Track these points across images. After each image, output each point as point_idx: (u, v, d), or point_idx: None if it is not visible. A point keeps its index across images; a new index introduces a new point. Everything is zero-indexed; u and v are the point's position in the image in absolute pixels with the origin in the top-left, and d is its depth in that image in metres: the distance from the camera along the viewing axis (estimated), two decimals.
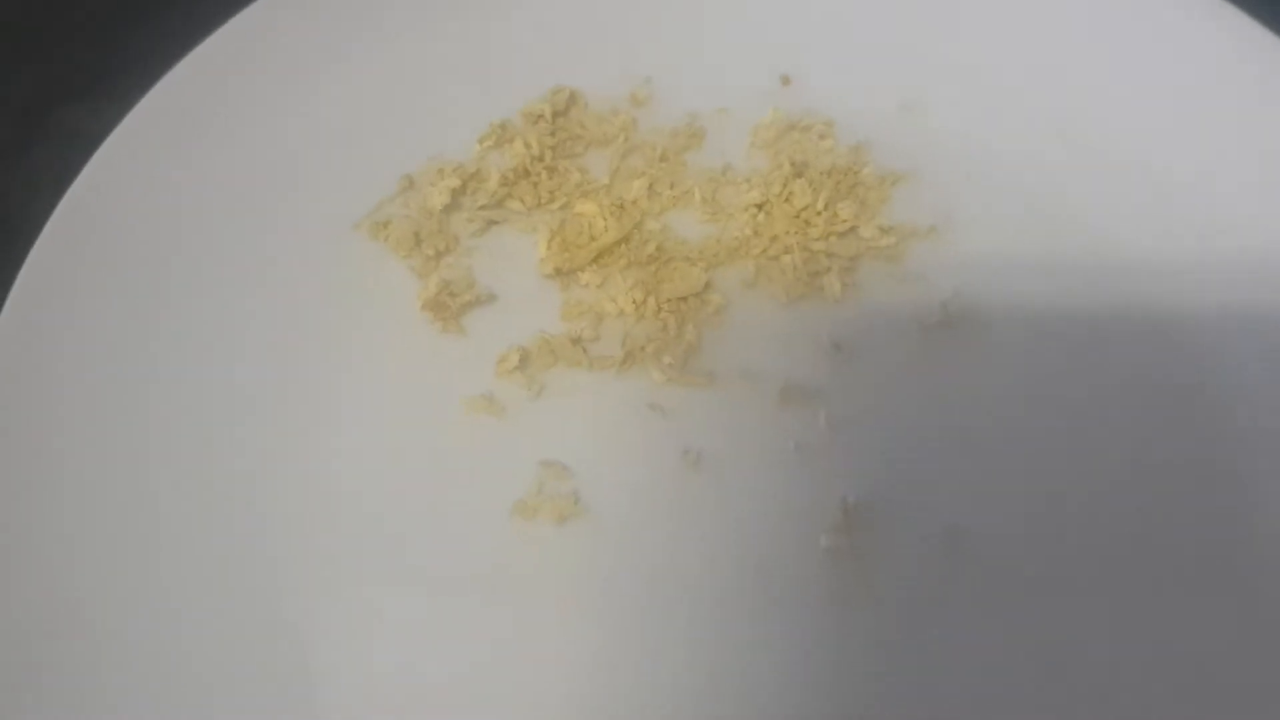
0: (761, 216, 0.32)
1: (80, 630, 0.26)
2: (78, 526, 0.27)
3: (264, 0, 0.34)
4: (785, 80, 0.35)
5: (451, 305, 0.31)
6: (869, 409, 0.30)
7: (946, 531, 0.28)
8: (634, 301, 0.31)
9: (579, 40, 0.35)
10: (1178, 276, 0.32)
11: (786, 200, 0.33)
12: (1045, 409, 0.30)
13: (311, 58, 0.34)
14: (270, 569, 0.28)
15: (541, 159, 0.33)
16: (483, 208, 0.33)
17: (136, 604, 0.27)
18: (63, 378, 0.29)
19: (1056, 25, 0.34)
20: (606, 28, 0.35)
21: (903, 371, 0.31)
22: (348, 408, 0.30)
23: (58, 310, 0.29)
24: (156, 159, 0.32)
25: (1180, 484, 0.29)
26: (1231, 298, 0.31)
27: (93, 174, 0.31)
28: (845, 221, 0.32)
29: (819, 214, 0.32)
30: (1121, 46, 0.34)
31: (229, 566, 0.28)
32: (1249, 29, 0.33)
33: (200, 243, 0.31)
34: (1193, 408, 0.30)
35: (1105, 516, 0.29)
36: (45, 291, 0.29)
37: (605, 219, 0.32)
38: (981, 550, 0.28)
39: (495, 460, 0.29)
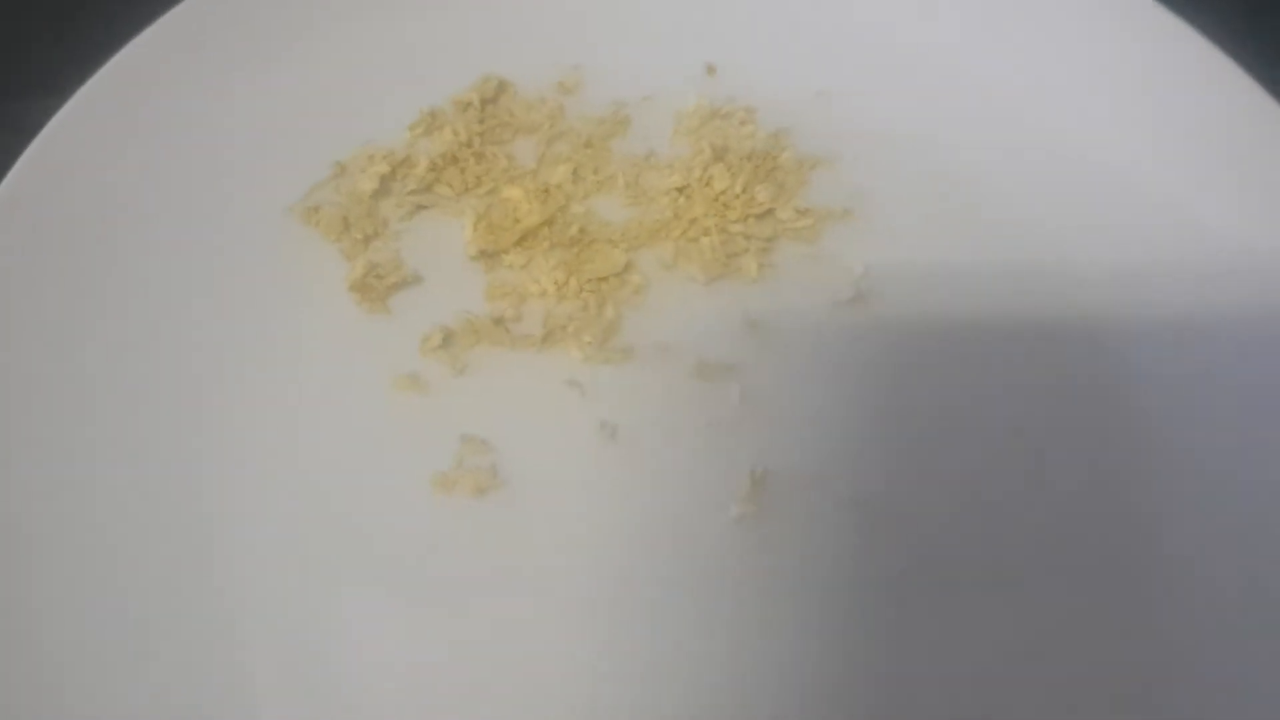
0: (682, 200, 0.34)
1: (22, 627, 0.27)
2: (12, 518, 0.28)
3: None
4: (710, 69, 0.36)
5: (378, 287, 0.32)
6: (781, 384, 0.31)
7: (851, 502, 0.30)
8: (556, 282, 0.32)
9: (509, 29, 0.36)
10: (1087, 254, 0.33)
11: (706, 184, 0.34)
12: (950, 386, 0.31)
13: (247, 48, 0.35)
14: (200, 545, 0.29)
15: (470, 145, 0.34)
16: (411, 193, 0.34)
17: (61, 595, 0.27)
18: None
19: (969, 11, 0.35)
20: (537, 17, 0.36)
21: (815, 348, 0.32)
22: (277, 385, 0.31)
23: None
24: (91, 149, 0.32)
25: (1082, 468, 0.30)
26: (1141, 288, 0.32)
27: (26, 165, 0.32)
28: (763, 204, 0.33)
29: (738, 197, 0.34)
30: (1033, 27, 0.35)
31: (159, 539, 0.29)
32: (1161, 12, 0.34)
33: (135, 226, 0.32)
34: (1095, 401, 0.31)
35: (1006, 494, 0.30)
36: None
37: (530, 203, 0.33)
38: (886, 525, 0.29)
39: (419, 435, 0.30)
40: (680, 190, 0.34)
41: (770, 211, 0.33)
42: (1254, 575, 0.29)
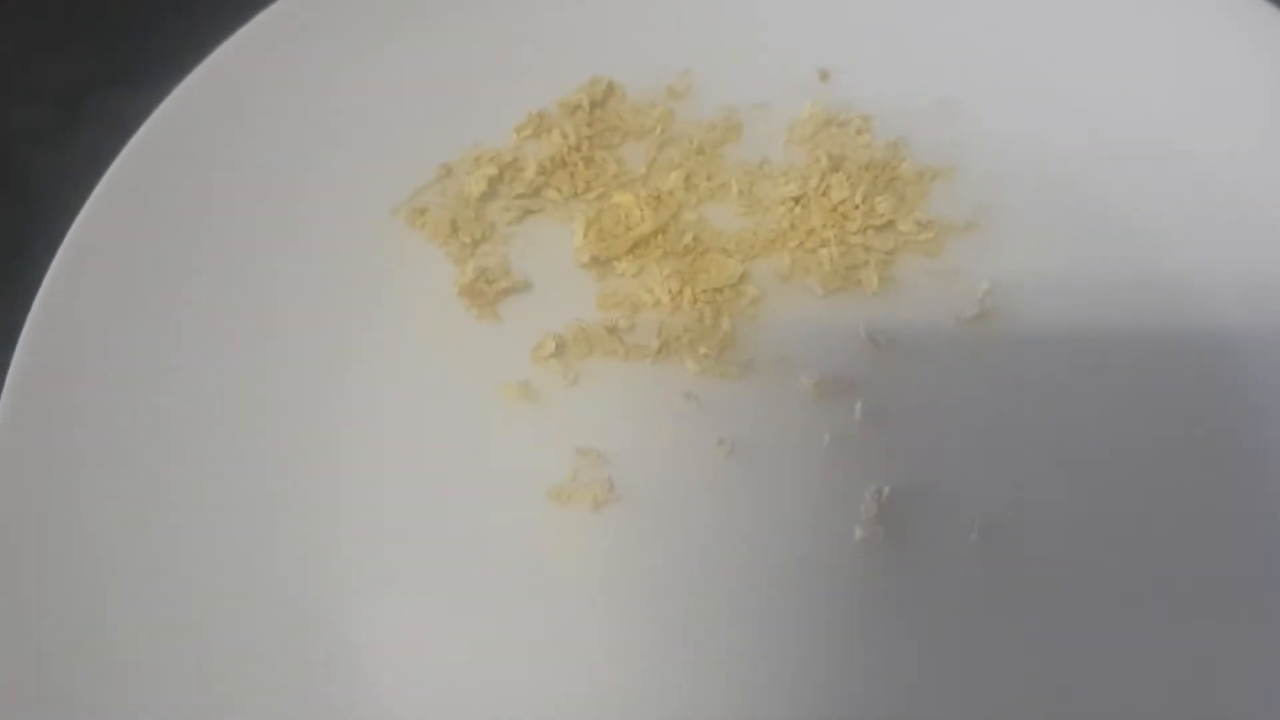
0: (798, 210, 0.33)
1: (108, 629, 0.27)
2: (111, 501, 0.28)
3: None
4: (824, 75, 0.35)
5: (488, 292, 0.31)
6: (904, 402, 0.30)
7: (980, 526, 0.29)
8: (670, 291, 0.32)
9: (618, 32, 0.35)
10: (1214, 278, 0.32)
11: (824, 194, 0.33)
12: (1078, 405, 0.30)
13: (353, 46, 0.34)
14: (307, 557, 0.28)
15: (578, 149, 0.34)
16: (519, 196, 0.33)
17: (161, 597, 0.27)
18: (100, 363, 0.29)
19: (1096, 22, 0.35)
20: (646, 20, 0.36)
21: (938, 365, 0.31)
22: (386, 393, 0.30)
23: (95, 294, 0.30)
24: (193, 146, 0.32)
25: (1212, 492, 0.29)
26: (1271, 308, 0.31)
27: (128, 160, 0.32)
28: (883, 215, 0.33)
29: (856, 208, 0.33)
30: (1167, 46, 0.34)
31: (265, 556, 0.28)
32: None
33: (237, 229, 0.32)
34: (1226, 415, 0.30)
35: (1137, 518, 0.29)
36: (82, 275, 0.30)
37: (641, 209, 0.33)
38: (1014, 546, 0.28)
39: (531, 446, 0.30)
40: (796, 200, 0.33)
41: (891, 223, 0.33)
42: None
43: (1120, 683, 0.27)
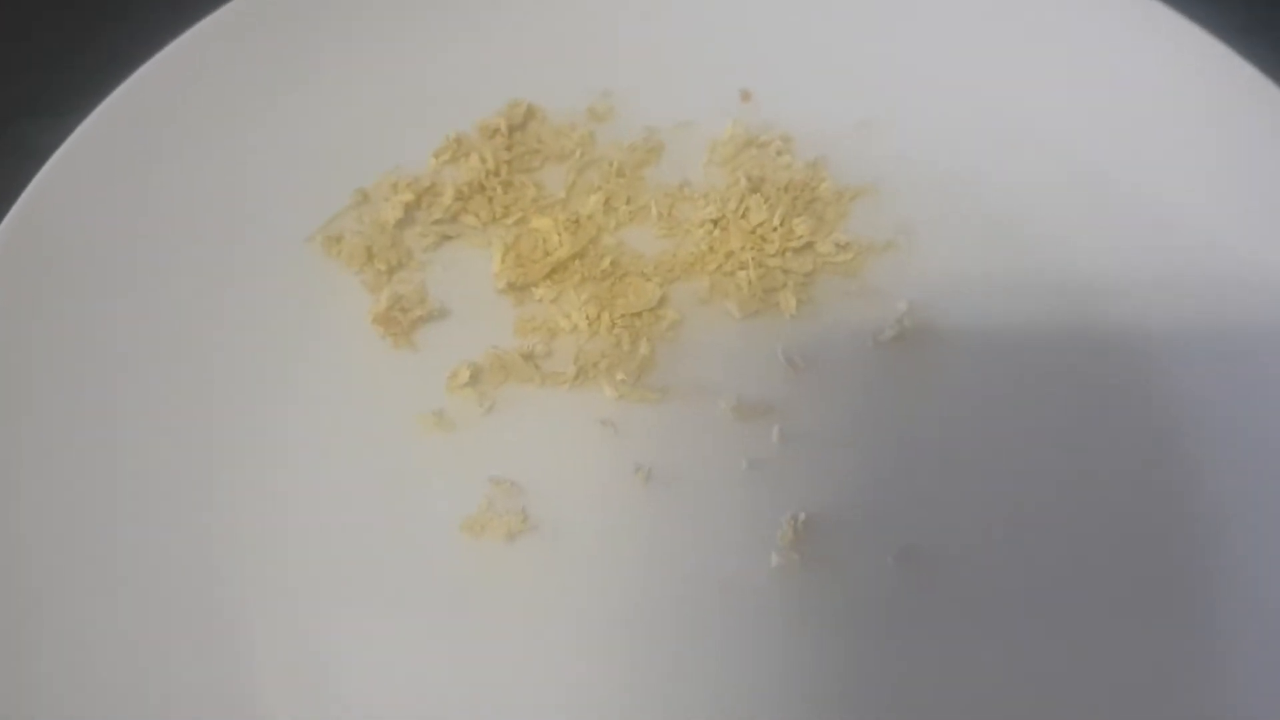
0: (717, 232, 0.33)
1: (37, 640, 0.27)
2: (33, 534, 0.28)
3: (216, 16, 0.34)
4: (745, 95, 0.35)
5: (403, 320, 0.31)
6: (822, 424, 0.30)
7: (897, 548, 0.29)
8: (587, 317, 0.32)
9: (537, 53, 0.35)
10: (1134, 291, 0.32)
11: (743, 216, 0.33)
12: (998, 425, 0.31)
13: (267, 72, 0.34)
14: (220, 584, 0.28)
15: (497, 173, 0.34)
16: (437, 222, 0.33)
17: (87, 618, 0.27)
18: (15, 391, 0.29)
19: (1012, 41, 0.35)
20: (566, 41, 0.36)
21: (857, 387, 0.31)
22: (298, 422, 0.30)
23: (8, 319, 0.30)
24: (108, 171, 0.32)
25: (1134, 503, 0.30)
26: (1188, 313, 0.32)
27: (42, 186, 0.31)
28: (801, 237, 0.33)
29: (775, 230, 0.33)
30: (1077, 60, 0.34)
31: (178, 585, 0.28)
32: (1207, 44, 0.34)
33: (151, 254, 0.32)
34: (1148, 426, 0.31)
35: (1057, 534, 0.29)
36: None
37: (560, 234, 0.33)
38: (931, 568, 0.29)
39: (445, 477, 0.30)
40: (715, 222, 0.33)
41: (809, 245, 0.33)
42: None
43: (1036, 701, 0.27)
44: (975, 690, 0.28)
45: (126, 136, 0.32)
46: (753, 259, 0.32)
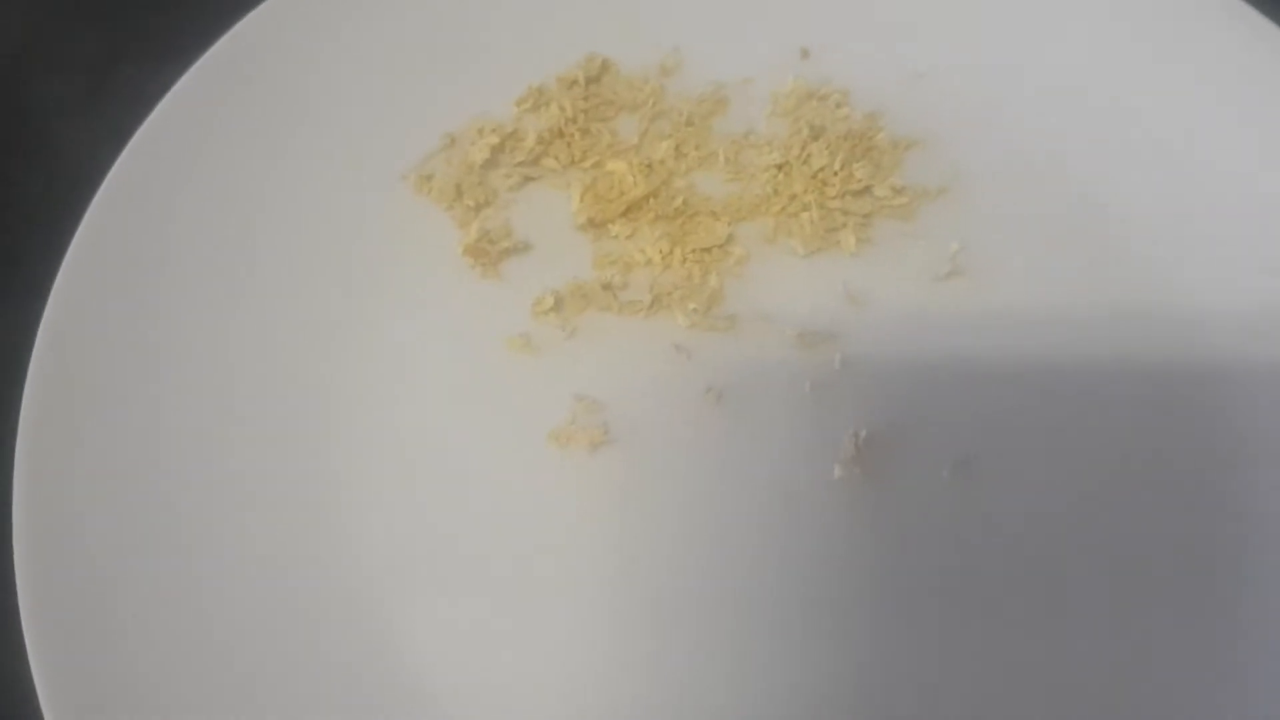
0: (781, 176, 0.36)
1: (131, 618, 0.29)
2: (131, 502, 0.30)
3: None
4: (804, 53, 0.38)
5: (491, 252, 0.34)
6: (880, 352, 0.33)
7: (951, 463, 0.32)
8: (661, 252, 0.34)
9: (611, 10, 0.38)
10: (1175, 239, 0.35)
11: (805, 162, 0.36)
12: (1045, 354, 0.33)
13: (363, 22, 0.37)
14: (327, 500, 0.31)
15: (575, 121, 0.37)
16: (520, 164, 0.36)
17: (175, 575, 0.30)
18: (124, 333, 0.32)
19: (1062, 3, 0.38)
20: (639, 1, 0.39)
21: (912, 319, 0.34)
22: (396, 347, 0.33)
23: (117, 263, 0.32)
24: (209, 117, 0.35)
25: (1177, 447, 0.32)
26: (1234, 279, 0.34)
27: (148, 133, 0.34)
28: (860, 182, 0.36)
29: (835, 174, 0.36)
30: (1126, 21, 0.37)
31: (296, 500, 0.31)
32: (1259, 22, 0.36)
33: (252, 195, 0.35)
34: (1189, 365, 0.33)
35: (1104, 455, 0.32)
36: (105, 244, 0.33)
37: (634, 176, 0.35)
38: (985, 480, 0.32)
39: (532, 395, 0.33)
40: (779, 167, 0.36)
41: (867, 189, 0.36)
42: None
43: (1080, 622, 0.30)
44: (1020, 597, 0.30)
45: (226, 84, 0.35)
46: (815, 201, 0.35)
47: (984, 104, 0.37)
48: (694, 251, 0.35)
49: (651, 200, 0.35)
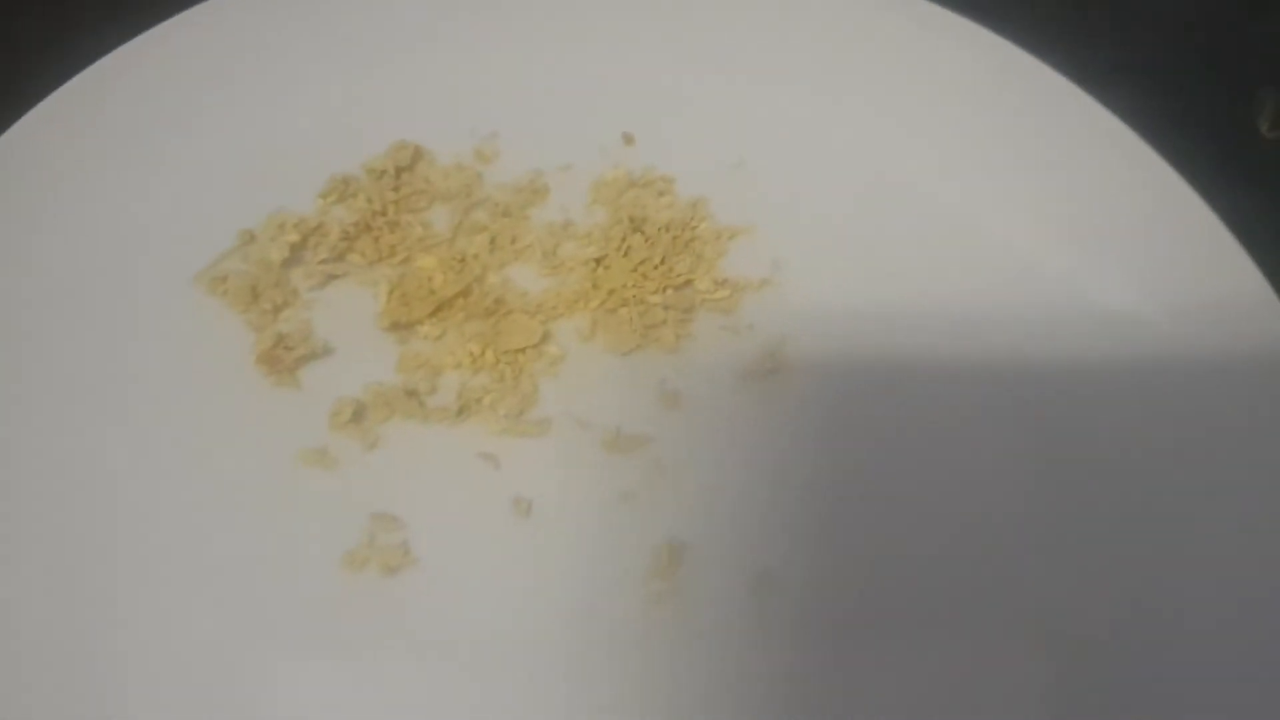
0: (600, 270, 0.35)
1: None
2: None
3: (107, 59, 0.35)
4: (628, 139, 0.37)
5: (286, 359, 0.33)
6: (697, 456, 0.32)
7: (759, 573, 0.31)
8: (471, 354, 0.33)
9: (425, 96, 0.37)
10: (999, 326, 0.35)
11: (625, 255, 0.35)
12: (866, 457, 0.33)
13: (155, 114, 0.36)
14: (100, 622, 0.29)
15: (384, 213, 0.35)
16: (323, 262, 0.34)
17: None
18: None
19: (875, 89, 0.38)
20: (453, 84, 0.38)
21: (731, 419, 0.33)
22: (179, 460, 0.31)
23: None
24: None
25: (993, 537, 0.32)
26: (1051, 348, 0.34)
27: None
28: (681, 275, 0.35)
29: (656, 268, 0.35)
30: (938, 104, 0.37)
31: (55, 630, 0.29)
32: (1064, 87, 0.37)
33: (37, 292, 0.33)
34: (1015, 460, 0.33)
35: (915, 563, 0.31)
36: None
37: (445, 273, 0.34)
38: (792, 592, 0.31)
39: (328, 513, 0.31)
40: (598, 261, 0.35)
41: (689, 282, 0.35)
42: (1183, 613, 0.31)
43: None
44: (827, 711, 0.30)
45: (16, 175, 0.34)
46: (634, 296, 0.34)
47: (806, 191, 0.36)
48: (506, 352, 0.33)
49: (463, 299, 0.34)
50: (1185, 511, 0.32)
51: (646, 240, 0.35)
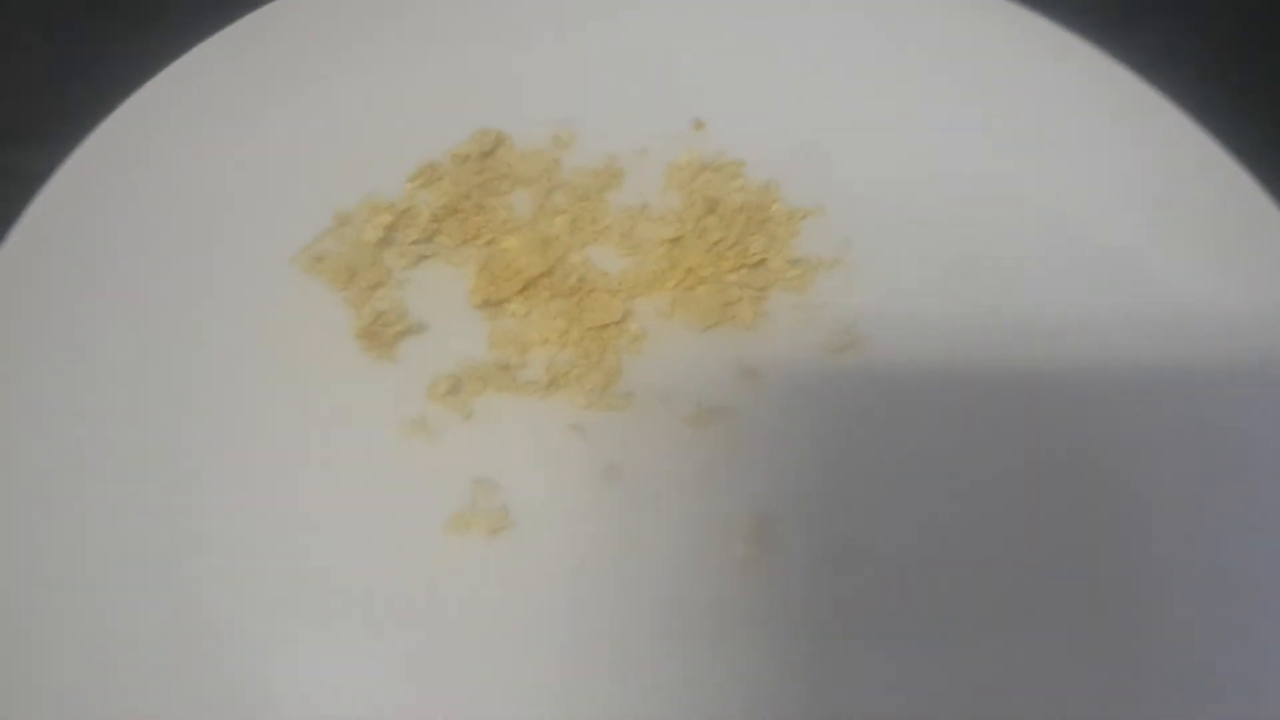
0: (677, 250, 0.36)
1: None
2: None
3: (202, 46, 0.37)
4: (698, 124, 0.39)
5: (384, 335, 0.34)
6: (775, 429, 0.34)
7: (844, 543, 0.32)
8: (557, 330, 0.35)
9: (505, 85, 0.39)
10: (1066, 304, 0.36)
11: (701, 235, 0.37)
12: (936, 429, 0.34)
13: (251, 103, 0.37)
14: (211, 600, 0.31)
15: (469, 197, 0.37)
16: (414, 243, 0.36)
17: (68, 642, 0.30)
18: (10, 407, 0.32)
19: (948, 73, 0.39)
20: (531, 74, 0.39)
21: (807, 393, 0.35)
22: (286, 435, 0.33)
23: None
24: (98, 198, 0.35)
25: (1071, 512, 0.33)
26: (1117, 341, 0.36)
27: (35, 213, 0.34)
28: (756, 255, 0.36)
29: (731, 247, 0.36)
30: (1008, 94, 0.39)
31: (167, 603, 0.31)
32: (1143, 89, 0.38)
33: (141, 277, 0.34)
34: (1082, 430, 0.35)
35: (989, 535, 0.33)
36: None
37: (530, 253, 0.36)
38: (874, 562, 0.32)
39: (429, 479, 0.33)
40: (675, 241, 0.37)
41: (763, 261, 0.36)
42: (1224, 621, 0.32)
43: (973, 696, 0.31)
44: (914, 682, 0.31)
45: (113, 167, 0.35)
46: (711, 275, 0.36)
47: (875, 173, 0.38)
48: (590, 329, 0.35)
49: (547, 278, 0.36)
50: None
51: (721, 221, 0.37)
